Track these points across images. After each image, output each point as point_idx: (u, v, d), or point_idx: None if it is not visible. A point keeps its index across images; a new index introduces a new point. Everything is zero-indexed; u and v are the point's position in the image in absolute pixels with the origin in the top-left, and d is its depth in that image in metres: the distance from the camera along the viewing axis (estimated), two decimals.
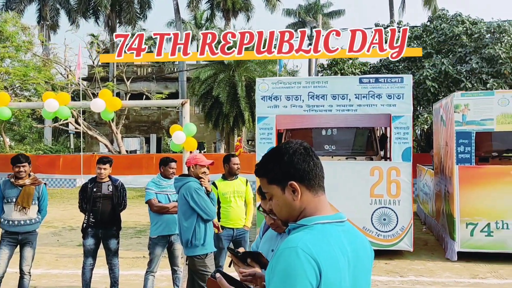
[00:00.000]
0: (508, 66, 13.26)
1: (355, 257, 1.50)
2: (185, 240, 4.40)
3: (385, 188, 7.64)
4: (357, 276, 1.50)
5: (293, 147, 1.59)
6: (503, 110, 7.40)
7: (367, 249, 1.60)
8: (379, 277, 6.58)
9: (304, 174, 1.55)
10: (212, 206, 4.47)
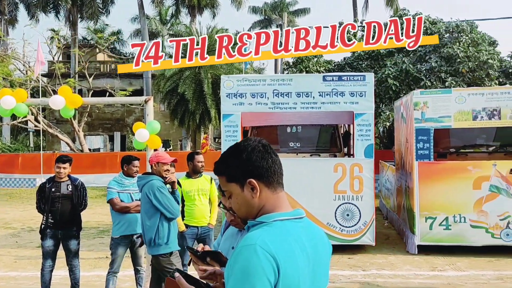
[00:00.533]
0: (466, 65, 13.75)
1: (314, 253, 1.52)
2: (148, 239, 4.35)
3: (348, 184, 7.79)
4: (316, 271, 1.52)
5: (252, 144, 1.59)
6: (460, 108, 7.67)
7: (325, 244, 1.62)
8: (342, 271, 6.70)
9: (262, 171, 1.55)
10: (175, 204, 4.43)
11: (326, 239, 1.64)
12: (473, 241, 7.51)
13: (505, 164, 7.56)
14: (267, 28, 33.62)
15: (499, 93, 7.61)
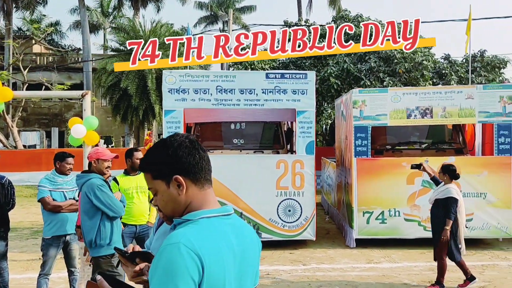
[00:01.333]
0: (402, 65, 14.38)
1: (242, 251, 1.51)
2: (89, 240, 4.17)
3: (290, 180, 7.91)
4: (244, 270, 1.52)
5: (178, 140, 1.55)
6: (395, 106, 8.01)
7: (254, 242, 1.62)
8: (284, 266, 6.80)
9: (189, 167, 1.52)
10: (118, 202, 4.28)
11: (255, 237, 1.64)
12: (407, 234, 7.88)
13: (436, 160, 7.98)
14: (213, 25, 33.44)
15: (431, 93, 8.02)
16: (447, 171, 5.89)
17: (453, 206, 5.67)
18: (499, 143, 7.81)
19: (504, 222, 7.71)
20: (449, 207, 5.68)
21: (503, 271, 6.48)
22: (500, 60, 16.03)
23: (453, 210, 5.67)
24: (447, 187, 5.80)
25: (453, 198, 5.68)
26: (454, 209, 5.67)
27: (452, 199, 5.69)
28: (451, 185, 5.81)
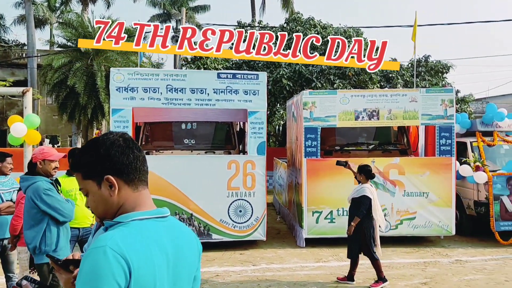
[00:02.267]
0: (352, 68, 14.74)
1: (177, 254, 1.46)
2: (32, 247, 3.91)
3: (241, 180, 7.90)
4: (179, 274, 1.47)
5: (111, 138, 1.49)
6: (344, 108, 8.19)
7: (192, 245, 1.57)
8: (234, 267, 6.78)
9: (122, 167, 1.46)
10: (68, 205, 4.03)
11: (194, 240, 1.59)
12: None
13: (382, 161, 8.25)
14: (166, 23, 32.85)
15: (378, 95, 8.26)
16: (362, 171, 6.11)
17: (364, 205, 5.86)
18: (441, 144, 8.17)
19: (445, 220, 8.06)
20: (361, 205, 5.88)
21: (444, 268, 6.78)
22: (443, 65, 16.80)
23: (364, 208, 5.85)
24: (362, 186, 6.02)
25: (366, 197, 5.87)
26: (364, 208, 5.85)
27: (364, 197, 5.88)
28: (366, 185, 6.02)
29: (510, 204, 8.13)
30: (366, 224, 5.90)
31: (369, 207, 5.89)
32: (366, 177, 6.09)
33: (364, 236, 5.90)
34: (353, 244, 6.02)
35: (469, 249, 7.86)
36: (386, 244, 8.04)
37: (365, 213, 5.88)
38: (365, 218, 5.90)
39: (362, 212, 5.86)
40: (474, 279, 6.20)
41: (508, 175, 8.21)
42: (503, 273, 6.47)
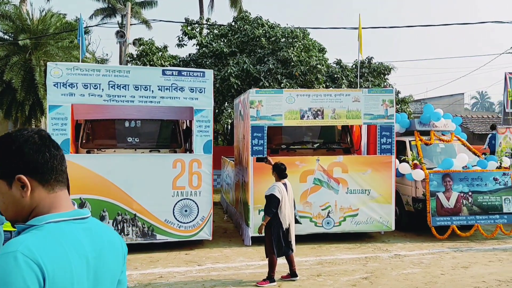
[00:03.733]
0: (299, 68, 14.95)
1: (98, 257, 1.38)
2: None
3: (187, 180, 7.78)
4: (101, 278, 1.38)
5: (25, 135, 1.36)
6: (290, 107, 8.27)
7: (116, 247, 1.48)
8: (178, 268, 6.66)
9: (36, 166, 1.34)
10: None
11: (117, 242, 1.51)
12: (299, 230, 8.12)
13: (327, 159, 8.41)
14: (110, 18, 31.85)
15: (323, 95, 8.42)
16: (275, 170, 6.16)
17: (273, 203, 5.89)
18: (382, 143, 8.45)
19: (386, 216, 8.35)
20: (269, 203, 5.92)
21: (384, 262, 7.01)
22: (385, 67, 17.42)
23: (273, 206, 5.88)
24: (273, 185, 6.07)
25: (274, 196, 5.89)
26: (274, 206, 5.88)
27: (272, 196, 5.90)
28: (277, 184, 6.06)
29: (445, 200, 8.56)
30: (274, 223, 5.91)
31: (277, 206, 5.89)
32: (278, 176, 6.11)
33: (269, 234, 5.91)
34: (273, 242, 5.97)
35: (407, 244, 8.20)
36: (330, 241, 8.23)
37: (275, 212, 5.89)
38: (275, 216, 5.91)
39: (272, 211, 5.88)
40: (411, 273, 6.46)
41: (444, 173, 8.64)
42: (439, 267, 6.79)
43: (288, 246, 6.02)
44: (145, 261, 6.99)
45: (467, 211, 8.55)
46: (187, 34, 17.33)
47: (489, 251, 7.73)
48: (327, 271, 6.53)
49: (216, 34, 17.31)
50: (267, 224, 5.96)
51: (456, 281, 6.11)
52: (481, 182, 8.65)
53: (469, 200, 8.57)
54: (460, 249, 7.89)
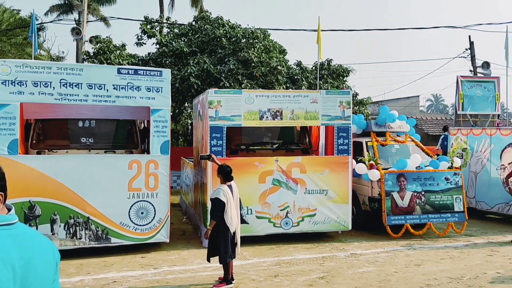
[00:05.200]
0: (259, 69, 14.96)
1: (26, 266, 1.29)
2: None
3: (143, 181, 7.61)
4: (30, 285, 1.30)
5: None
6: (249, 108, 8.25)
7: (47, 255, 1.40)
8: (133, 272, 6.49)
9: None
10: None
11: (49, 249, 1.42)
12: (258, 230, 8.17)
13: (286, 159, 8.44)
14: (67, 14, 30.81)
15: (281, 96, 8.44)
16: (221, 172, 5.99)
17: (217, 207, 5.72)
18: (339, 144, 8.57)
19: (343, 216, 8.47)
20: (214, 207, 5.76)
21: (340, 262, 7.10)
22: (344, 69, 17.73)
23: (219, 210, 5.72)
24: (218, 188, 5.90)
25: (219, 200, 5.73)
26: (219, 210, 5.72)
27: (217, 200, 5.73)
28: (222, 186, 5.88)
29: (400, 200, 8.78)
30: (221, 227, 5.77)
31: (223, 209, 5.74)
32: (223, 178, 5.95)
33: (216, 238, 5.77)
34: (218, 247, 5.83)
35: (363, 243, 8.35)
36: (288, 241, 8.27)
37: (220, 215, 5.74)
38: (221, 220, 5.77)
39: (217, 215, 5.73)
40: (367, 271, 6.57)
41: (398, 173, 8.86)
42: (393, 265, 6.94)
43: (233, 250, 5.93)
44: (99, 266, 6.77)
45: (420, 210, 8.81)
46: (147, 33, 17.00)
47: (441, 249, 7.99)
48: (285, 271, 6.54)
49: (176, 34, 17.07)
50: (213, 229, 5.82)
51: (409, 278, 6.26)
52: (434, 181, 8.93)
53: (422, 199, 8.83)
54: (414, 247, 8.11)
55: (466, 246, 8.25)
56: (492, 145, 10.76)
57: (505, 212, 10.27)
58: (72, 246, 7.26)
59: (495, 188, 10.56)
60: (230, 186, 6.02)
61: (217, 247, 5.83)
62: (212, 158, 6.72)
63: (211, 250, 5.93)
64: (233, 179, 6.12)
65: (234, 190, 6.06)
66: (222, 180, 6.04)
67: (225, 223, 5.81)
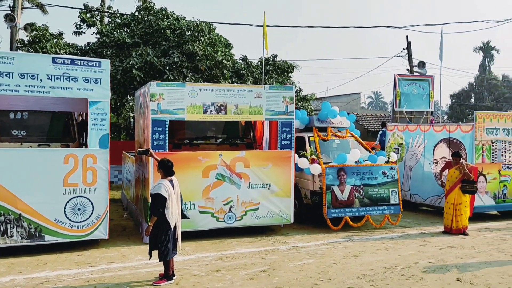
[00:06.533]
0: (204, 63, 14.81)
1: None
2: None
3: (80, 176, 7.30)
4: None
5: None
6: (193, 101, 8.14)
7: None
8: (69, 270, 6.22)
9: None
10: None
11: None
12: (201, 225, 8.10)
13: (229, 154, 8.42)
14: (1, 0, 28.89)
15: (226, 90, 8.39)
16: (162, 167, 5.87)
17: (158, 203, 5.61)
18: (282, 138, 8.67)
19: (285, 209, 8.59)
20: (155, 203, 5.63)
21: (282, 255, 7.20)
22: (289, 65, 17.96)
23: (160, 206, 5.60)
24: (159, 182, 5.76)
25: (160, 195, 5.60)
26: (160, 205, 5.61)
27: (158, 195, 5.61)
28: (163, 181, 5.75)
29: (340, 193, 9.03)
30: (162, 223, 5.66)
31: (164, 205, 5.64)
32: (164, 173, 5.84)
33: (157, 234, 5.67)
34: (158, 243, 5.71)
35: (305, 236, 8.52)
36: (231, 236, 8.28)
37: (162, 211, 5.62)
38: (162, 216, 5.65)
39: (158, 211, 5.61)
40: (307, 263, 6.71)
41: (339, 167, 9.11)
42: (332, 256, 7.14)
43: (174, 246, 5.84)
44: (31, 265, 6.43)
45: (359, 203, 9.13)
46: (86, 22, 16.31)
47: (377, 240, 8.32)
48: (227, 265, 6.54)
49: (118, 24, 16.51)
50: (154, 225, 5.68)
51: (346, 269, 6.46)
52: (371, 175, 9.27)
53: (360, 192, 9.14)
54: (352, 239, 8.39)
55: (401, 237, 8.65)
56: (425, 141, 11.34)
57: (437, 204, 10.87)
58: (3, 244, 6.84)
59: (428, 182, 11.14)
60: (171, 181, 5.91)
61: (158, 243, 5.71)
62: (150, 153, 6.54)
63: (153, 246, 5.80)
64: (174, 174, 6.00)
65: (175, 185, 5.95)
66: (163, 175, 5.91)
67: (166, 219, 5.69)
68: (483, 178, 10.20)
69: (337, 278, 6.07)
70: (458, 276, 6.22)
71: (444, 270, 6.50)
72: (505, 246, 7.97)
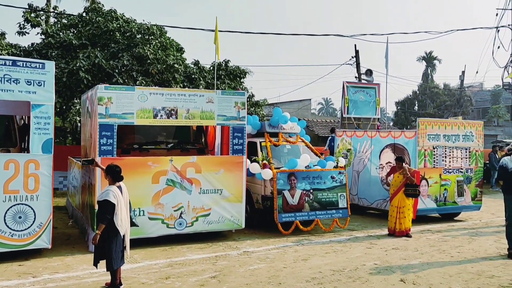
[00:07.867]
0: (155, 66, 14.60)
1: None
2: None
3: (21, 183, 6.96)
4: None
5: None
6: (142, 106, 7.98)
7: None
8: (8, 281, 5.89)
9: None
10: None
11: None
12: (150, 232, 7.94)
13: (180, 159, 8.32)
14: None
15: (177, 95, 8.30)
16: (109, 172, 5.71)
17: (107, 210, 5.43)
18: (234, 144, 8.68)
19: (236, 215, 8.59)
20: (103, 210, 5.46)
21: (232, 260, 7.19)
22: (241, 70, 18.05)
23: (108, 213, 5.44)
24: (107, 189, 5.59)
25: (108, 202, 5.43)
26: (109, 212, 5.44)
27: (106, 202, 5.44)
28: (111, 187, 5.60)
29: (290, 198, 9.16)
30: (111, 230, 5.48)
31: (113, 212, 5.47)
32: (112, 178, 5.67)
33: (105, 242, 5.47)
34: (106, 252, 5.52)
35: (256, 241, 8.56)
36: (182, 242, 8.18)
37: (110, 218, 5.44)
38: (110, 223, 5.47)
39: (106, 218, 5.42)
40: (257, 268, 6.74)
41: (289, 172, 9.24)
42: (282, 261, 7.21)
43: (122, 255, 5.66)
44: None
45: (309, 207, 9.29)
46: (30, 22, 15.65)
47: (326, 244, 8.50)
48: (177, 272, 6.44)
49: (65, 24, 15.96)
50: (102, 233, 5.47)
51: (296, 273, 6.55)
52: (321, 180, 9.47)
53: (310, 197, 9.32)
54: (302, 242, 8.52)
55: (349, 240, 8.89)
56: (372, 146, 11.74)
57: (383, 207, 11.27)
58: None
59: (375, 186, 11.53)
60: (119, 187, 5.75)
61: (106, 252, 5.51)
62: (95, 163, 6.32)
63: (99, 255, 5.60)
64: (123, 179, 5.85)
65: (124, 191, 5.79)
66: (111, 181, 5.73)
67: (115, 226, 5.51)
68: (425, 182, 10.68)
69: (287, 282, 6.14)
70: (402, 277, 6.47)
71: (389, 271, 6.74)
72: (446, 247, 8.38)
